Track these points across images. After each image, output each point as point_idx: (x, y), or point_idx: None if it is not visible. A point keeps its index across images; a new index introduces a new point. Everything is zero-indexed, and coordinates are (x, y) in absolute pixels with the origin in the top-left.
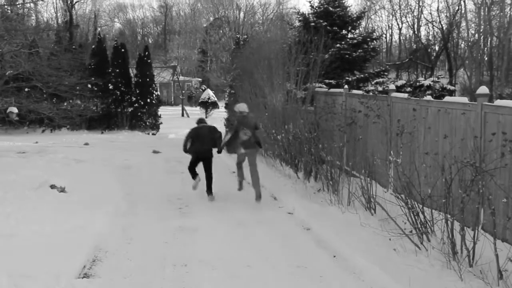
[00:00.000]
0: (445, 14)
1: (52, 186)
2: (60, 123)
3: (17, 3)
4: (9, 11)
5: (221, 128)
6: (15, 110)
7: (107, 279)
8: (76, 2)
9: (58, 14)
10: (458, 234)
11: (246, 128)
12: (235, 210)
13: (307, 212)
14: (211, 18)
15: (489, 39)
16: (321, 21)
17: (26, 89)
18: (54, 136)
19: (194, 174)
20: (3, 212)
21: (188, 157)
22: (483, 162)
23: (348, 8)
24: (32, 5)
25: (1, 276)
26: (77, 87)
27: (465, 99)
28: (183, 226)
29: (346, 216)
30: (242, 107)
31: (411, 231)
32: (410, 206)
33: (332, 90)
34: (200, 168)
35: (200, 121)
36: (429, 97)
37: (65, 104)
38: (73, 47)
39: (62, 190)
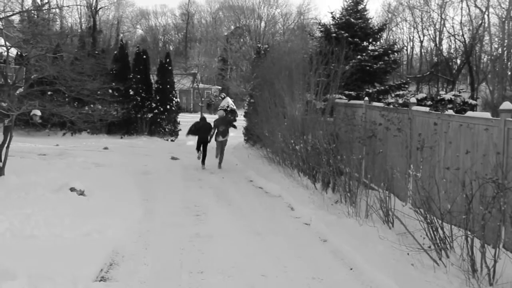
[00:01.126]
0: (468, 27)
1: (72, 189)
2: (81, 127)
3: (43, 8)
4: (35, 16)
5: (240, 137)
6: (38, 113)
7: (123, 283)
8: (100, 8)
9: (82, 20)
10: (478, 251)
11: (221, 125)
12: (253, 219)
13: (324, 223)
14: (232, 27)
15: None
16: (343, 32)
17: (49, 93)
18: (74, 140)
19: (198, 150)
20: (23, 213)
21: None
22: (505, 179)
23: (370, 20)
24: (57, 10)
25: (21, 277)
26: (98, 92)
27: (487, 115)
28: (199, 233)
29: (364, 228)
30: (220, 113)
31: (429, 247)
32: (429, 221)
33: (352, 101)
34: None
35: (202, 119)
36: (450, 111)
37: (86, 108)
38: (96, 52)
39: (82, 193)
